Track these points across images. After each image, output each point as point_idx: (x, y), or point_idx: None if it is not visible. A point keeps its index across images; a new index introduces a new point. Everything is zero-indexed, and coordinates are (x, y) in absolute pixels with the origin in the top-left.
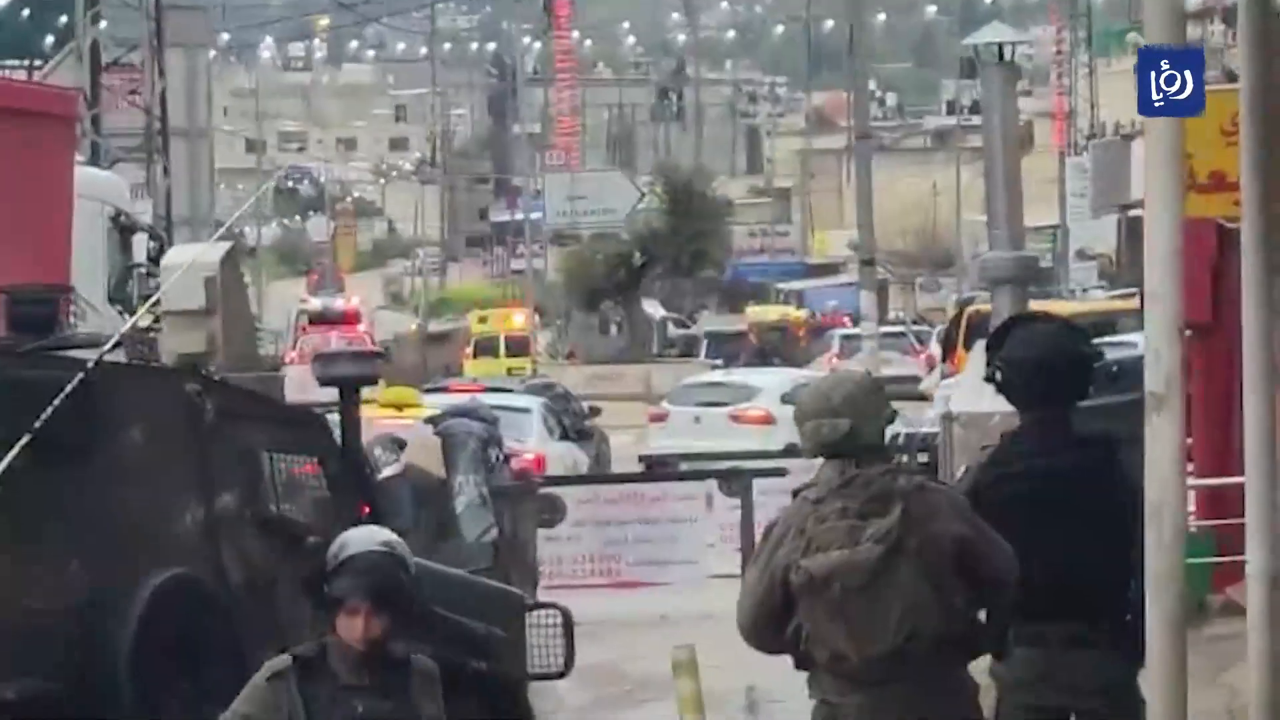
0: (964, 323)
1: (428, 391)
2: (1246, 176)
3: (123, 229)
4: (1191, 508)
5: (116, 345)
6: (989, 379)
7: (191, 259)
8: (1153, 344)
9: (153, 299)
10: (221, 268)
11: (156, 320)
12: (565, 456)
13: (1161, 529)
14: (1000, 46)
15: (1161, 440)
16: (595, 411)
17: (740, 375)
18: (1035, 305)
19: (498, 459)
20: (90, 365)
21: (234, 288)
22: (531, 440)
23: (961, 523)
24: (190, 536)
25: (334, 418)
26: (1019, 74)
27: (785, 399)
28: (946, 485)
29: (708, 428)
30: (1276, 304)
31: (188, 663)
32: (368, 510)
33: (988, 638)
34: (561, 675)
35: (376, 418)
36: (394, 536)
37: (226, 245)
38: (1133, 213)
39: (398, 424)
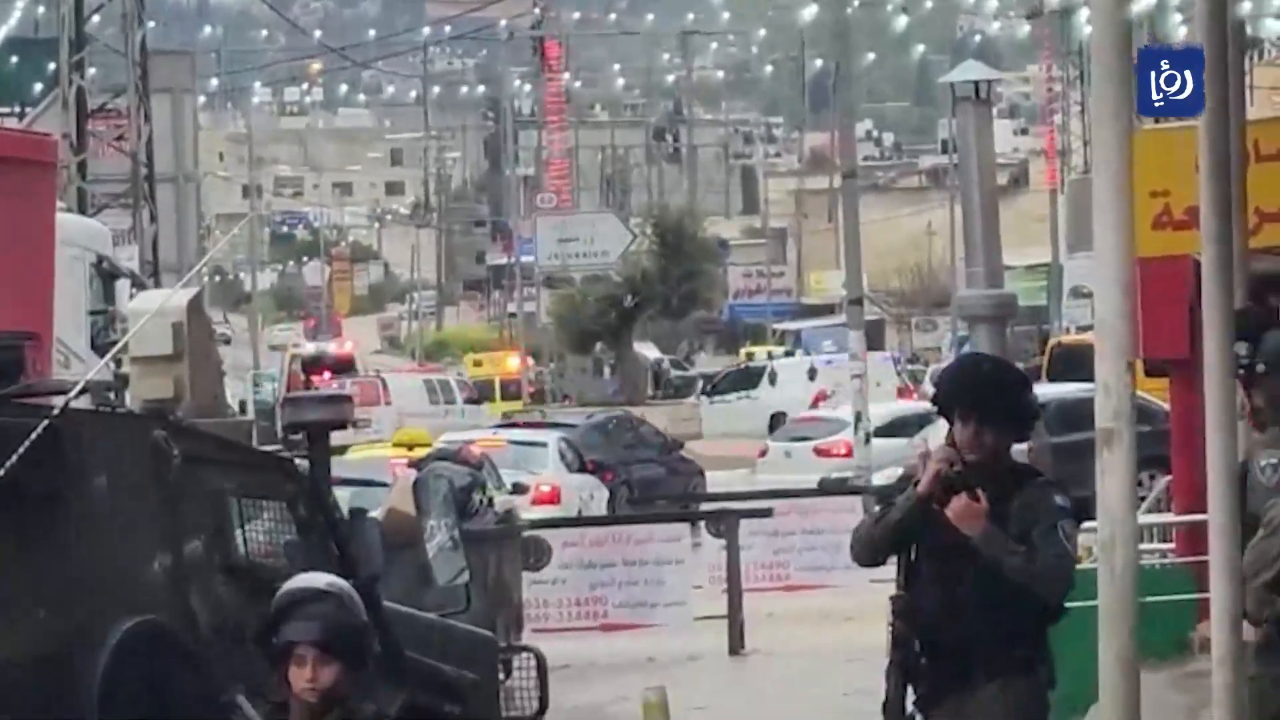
0: (1049, 354)
1: (500, 427)
2: (1206, 209)
3: (105, 275)
4: (1172, 545)
5: (82, 392)
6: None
7: (158, 305)
8: (1102, 378)
9: (119, 345)
10: (189, 313)
11: (119, 365)
12: (582, 489)
13: (1114, 564)
14: (976, 84)
15: (1113, 475)
16: (678, 445)
17: (837, 411)
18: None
19: (481, 503)
20: (55, 412)
21: (201, 333)
22: (546, 473)
23: None
24: (157, 583)
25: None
26: (991, 111)
27: (881, 432)
28: None
29: (797, 462)
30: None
31: (155, 710)
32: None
33: None
34: (536, 718)
35: (389, 458)
36: (339, 580)
37: (193, 291)
38: (1078, 256)
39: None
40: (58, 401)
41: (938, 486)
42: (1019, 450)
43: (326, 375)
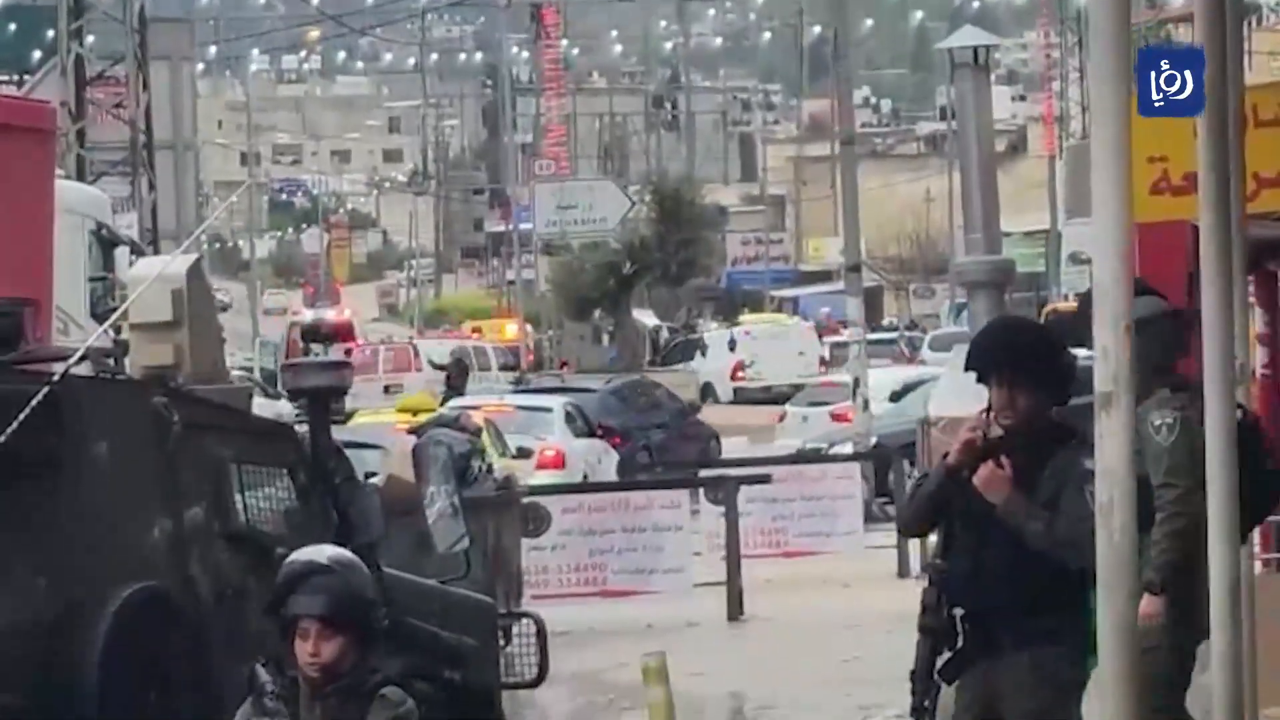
0: (1044, 321)
1: (514, 393)
2: (1204, 172)
3: (104, 242)
4: None
5: (82, 359)
6: None
7: (158, 271)
8: (1101, 341)
9: (119, 311)
10: (188, 280)
11: (119, 332)
12: (589, 453)
13: (1111, 528)
14: (975, 50)
15: (1111, 438)
16: (695, 408)
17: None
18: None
19: (481, 469)
20: (55, 379)
21: (201, 300)
22: (552, 438)
23: None
24: (158, 550)
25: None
26: (989, 77)
27: (895, 396)
28: None
29: (813, 426)
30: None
31: (156, 677)
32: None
33: None
34: (536, 684)
35: (394, 424)
36: (344, 552)
37: (193, 257)
38: (1074, 223)
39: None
40: (58, 368)
41: (968, 455)
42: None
43: (361, 342)
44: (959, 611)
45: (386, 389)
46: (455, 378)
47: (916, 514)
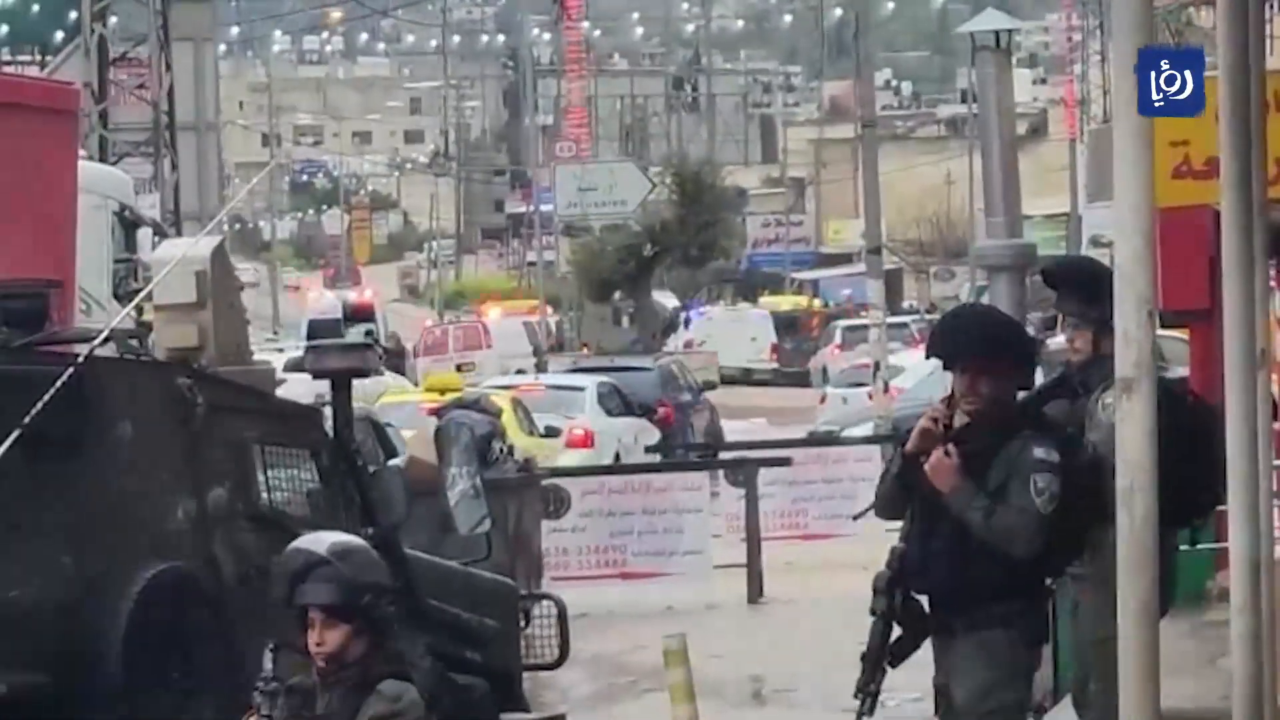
0: None
1: (577, 370)
2: (1225, 156)
3: (127, 224)
4: None
5: (106, 340)
6: None
7: (182, 253)
8: (1123, 327)
9: (143, 293)
10: (212, 262)
11: (141, 313)
12: (624, 432)
13: (1133, 513)
14: (996, 34)
15: (1133, 423)
16: (712, 386)
17: (894, 358)
18: None
19: (501, 451)
20: (80, 360)
21: (225, 281)
22: (582, 417)
23: None
24: (182, 530)
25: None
26: (1010, 60)
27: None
28: None
29: (853, 408)
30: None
31: (179, 656)
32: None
33: None
34: (556, 665)
35: (421, 402)
36: (346, 539)
37: (217, 239)
38: (1096, 206)
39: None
40: (82, 349)
41: (924, 442)
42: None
43: (429, 322)
44: (910, 594)
45: (459, 367)
46: (392, 356)
47: (883, 498)
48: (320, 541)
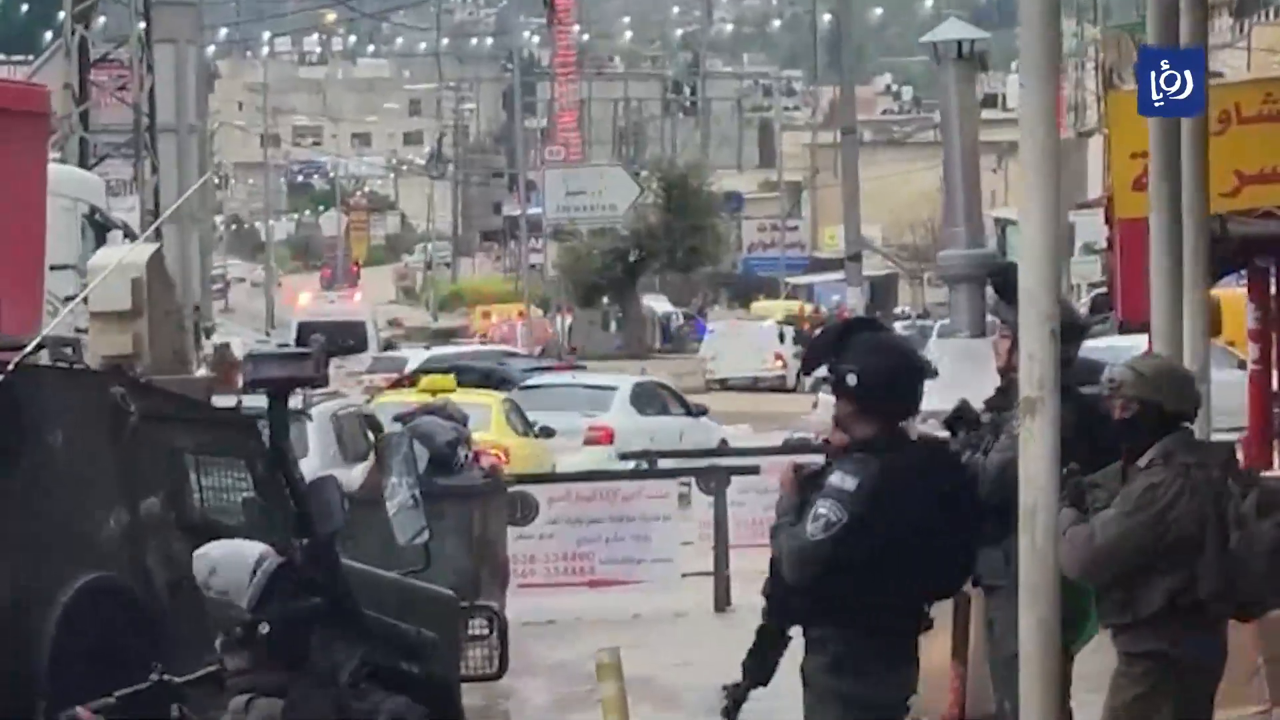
0: None
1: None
2: (1153, 175)
3: (98, 226)
4: None
5: (39, 348)
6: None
7: (118, 260)
8: (1027, 347)
9: (75, 300)
10: (148, 269)
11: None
12: (658, 432)
13: (1035, 534)
14: (960, 43)
15: (1036, 443)
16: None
17: None
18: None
19: (466, 458)
20: (10, 367)
21: (162, 289)
22: (607, 415)
23: None
24: (113, 540)
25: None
26: (976, 70)
27: None
28: None
29: None
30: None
31: (109, 667)
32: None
33: None
34: (497, 677)
35: (411, 402)
36: (263, 552)
37: (154, 246)
38: (1084, 212)
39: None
40: (16, 357)
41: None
42: None
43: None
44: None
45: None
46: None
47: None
48: (241, 553)
